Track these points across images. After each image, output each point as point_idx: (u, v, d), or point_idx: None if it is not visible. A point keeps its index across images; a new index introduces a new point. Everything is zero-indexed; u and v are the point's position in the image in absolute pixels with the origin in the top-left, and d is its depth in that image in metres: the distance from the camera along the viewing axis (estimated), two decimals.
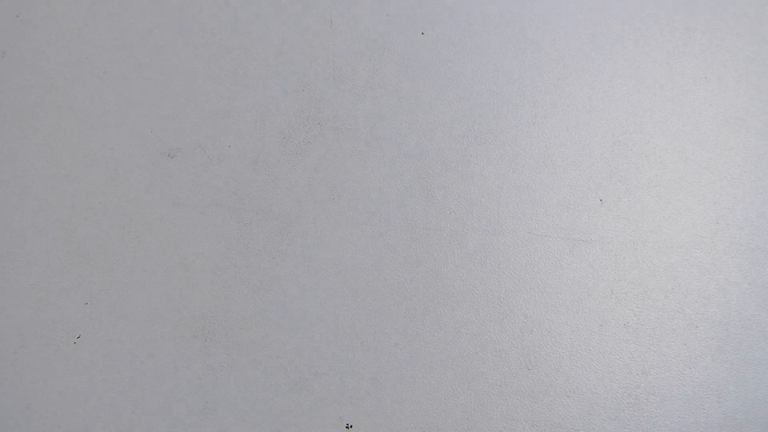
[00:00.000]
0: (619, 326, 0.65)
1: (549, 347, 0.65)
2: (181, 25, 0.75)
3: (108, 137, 0.71)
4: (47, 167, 0.70)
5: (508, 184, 0.70)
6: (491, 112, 0.73)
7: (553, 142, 0.72)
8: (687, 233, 0.69)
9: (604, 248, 0.68)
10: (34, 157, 0.70)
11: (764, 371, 0.64)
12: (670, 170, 0.71)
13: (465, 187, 0.70)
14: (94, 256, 0.66)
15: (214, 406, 0.62)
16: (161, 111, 0.72)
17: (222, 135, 0.71)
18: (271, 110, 0.73)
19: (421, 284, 0.66)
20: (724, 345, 0.65)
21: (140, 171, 0.70)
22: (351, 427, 0.62)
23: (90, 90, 0.73)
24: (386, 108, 0.73)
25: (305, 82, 0.74)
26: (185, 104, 0.72)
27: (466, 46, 0.76)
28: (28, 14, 0.77)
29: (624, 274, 0.67)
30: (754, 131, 0.73)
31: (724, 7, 0.79)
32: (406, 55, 0.74)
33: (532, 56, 0.76)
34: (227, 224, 0.68)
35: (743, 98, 0.75)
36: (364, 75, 0.74)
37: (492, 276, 0.67)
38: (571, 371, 0.64)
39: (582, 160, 0.71)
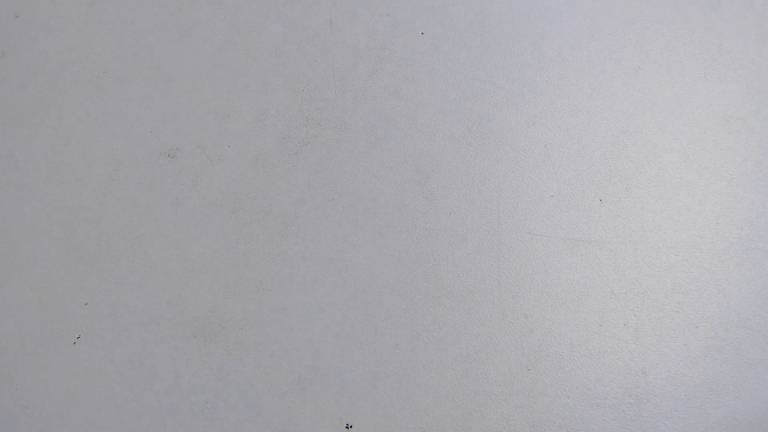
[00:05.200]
0: (619, 326, 0.65)
1: (549, 347, 0.65)
2: (181, 25, 0.75)
3: (108, 137, 0.71)
4: (47, 167, 0.70)
5: (508, 184, 0.70)
6: (491, 112, 0.73)
7: (553, 142, 0.72)
8: (687, 233, 0.69)
9: (604, 248, 0.68)
10: (34, 157, 0.70)
11: (764, 371, 0.64)
12: (670, 170, 0.71)
13: (465, 187, 0.70)
14: (94, 256, 0.66)
15: (214, 406, 0.62)
16: (161, 111, 0.72)
17: (222, 135, 0.71)
18: (271, 110, 0.73)
19: (421, 284, 0.66)
20: (724, 345, 0.65)
21: (140, 171, 0.70)
22: (351, 427, 0.62)
23: (90, 90, 0.73)
24: (386, 108, 0.73)
25: (305, 82, 0.74)
26: (185, 104, 0.72)
27: (466, 46, 0.76)
28: (28, 14, 0.77)
29: (624, 274, 0.67)
30: (754, 131, 0.73)
31: (724, 7, 0.79)
32: (406, 55, 0.74)
33: (532, 56, 0.76)
34: (227, 224, 0.68)
35: (743, 98, 0.75)
36: (364, 75, 0.74)
37: (492, 276, 0.67)
38: (571, 371, 0.64)
39: (582, 160, 0.71)
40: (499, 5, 0.79)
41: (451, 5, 0.78)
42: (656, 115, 0.74)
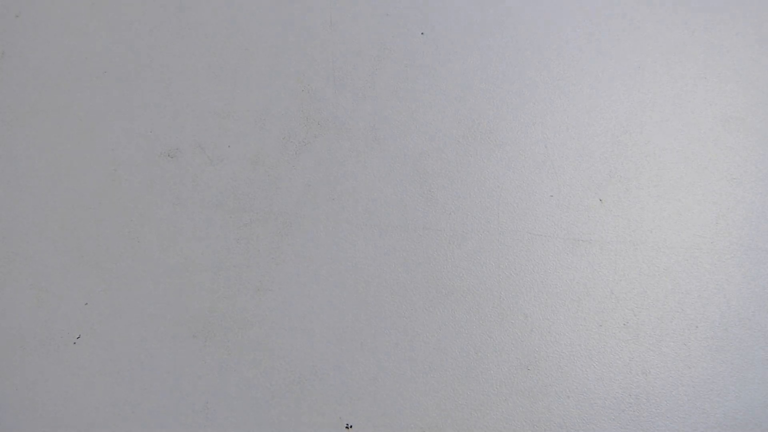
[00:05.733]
0: (619, 326, 0.65)
1: (549, 347, 0.65)
2: (181, 25, 0.75)
3: (108, 137, 0.71)
4: (47, 167, 0.70)
5: (508, 184, 0.70)
6: (491, 112, 0.73)
7: (553, 142, 0.72)
8: (687, 233, 0.69)
9: (604, 248, 0.68)
10: (34, 157, 0.70)
11: (764, 371, 0.64)
12: (670, 170, 0.72)
13: (465, 187, 0.70)
14: (94, 256, 0.66)
15: (214, 406, 0.62)
16: (161, 111, 0.72)
17: (222, 135, 0.71)
18: (271, 110, 0.73)
19: (421, 284, 0.66)
20: (724, 345, 0.65)
21: (140, 171, 0.70)
22: (351, 427, 0.62)
23: (90, 90, 0.73)
24: (386, 108, 0.73)
25: (305, 82, 0.74)
26: (185, 104, 0.72)
27: (466, 46, 0.76)
28: (28, 14, 0.77)
29: (624, 274, 0.67)
30: (754, 131, 0.73)
31: (724, 7, 0.79)
32: (406, 55, 0.74)
33: (532, 56, 0.76)
34: (227, 224, 0.68)
35: (743, 98, 0.75)
36: (364, 75, 0.74)
37: (492, 276, 0.67)
38: (571, 371, 0.64)
39: (582, 160, 0.71)
40: (499, 5, 0.79)
41: (451, 5, 0.78)
42: (656, 115, 0.74)
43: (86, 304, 0.65)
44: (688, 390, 0.63)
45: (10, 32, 0.76)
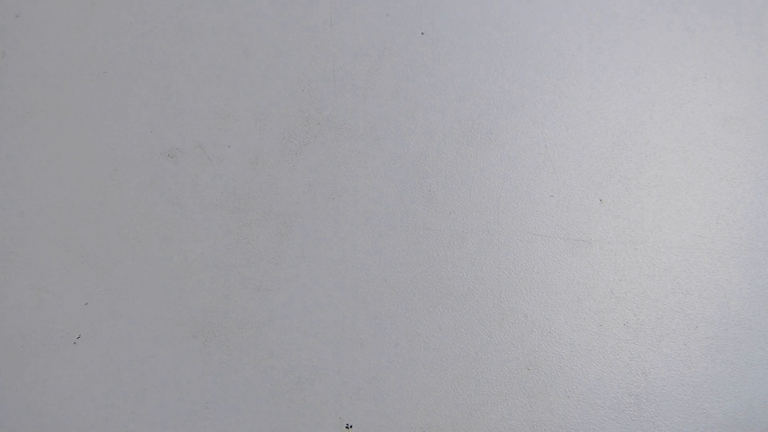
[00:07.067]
0: (619, 326, 0.65)
1: (549, 347, 0.65)
2: (181, 25, 0.75)
3: (108, 137, 0.71)
4: (47, 167, 0.70)
5: (508, 184, 0.70)
6: (491, 112, 0.73)
7: (553, 142, 0.72)
8: (687, 233, 0.69)
9: (604, 248, 0.68)
10: (34, 157, 0.70)
11: (764, 371, 0.64)
12: (670, 170, 0.72)
13: (465, 187, 0.70)
14: (94, 256, 0.66)
15: (214, 406, 0.62)
16: (161, 111, 0.72)
17: (222, 135, 0.71)
18: (271, 110, 0.73)
19: (421, 284, 0.66)
20: (724, 345, 0.65)
21: (140, 171, 0.70)
22: (351, 427, 0.62)
23: (90, 90, 0.73)
24: (386, 108, 0.73)
25: (305, 82, 0.74)
26: (185, 104, 0.72)
27: (466, 46, 0.76)
28: (28, 14, 0.77)
29: (624, 274, 0.67)
30: (754, 131, 0.73)
31: (724, 7, 0.79)
32: (406, 55, 0.74)
33: (532, 56, 0.76)
34: (227, 224, 0.68)
35: (743, 98, 0.75)
36: (364, 75, 0.74)
37: (492, 276, 0.67)
38: (571, 371, 0.64)
39: (582, 160, 0.71)
40: (499, 5, 0.79)
41: (451, 5, 0.78)
42: (656, 115, 0.74)
43: (86, 304, 0.65)
44: (688, 390, 0.63)
45: (10, 32, 0.76)
